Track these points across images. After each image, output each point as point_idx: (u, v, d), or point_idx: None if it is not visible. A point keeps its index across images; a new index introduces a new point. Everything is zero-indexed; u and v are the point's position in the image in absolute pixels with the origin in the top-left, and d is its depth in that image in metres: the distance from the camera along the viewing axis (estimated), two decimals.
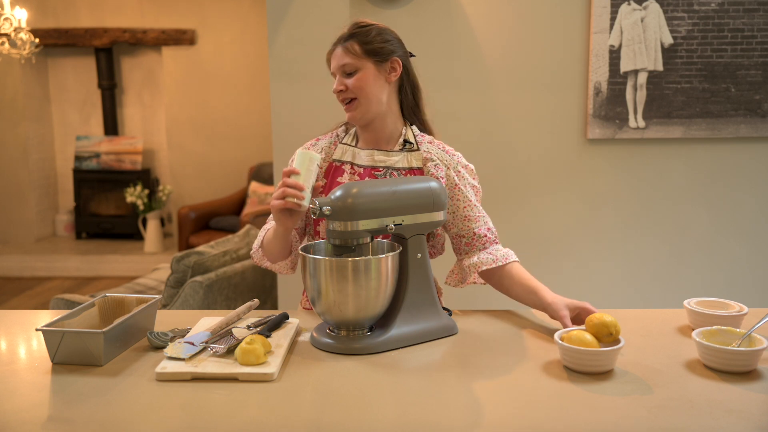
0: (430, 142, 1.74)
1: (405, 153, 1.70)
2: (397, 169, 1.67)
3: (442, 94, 3.14)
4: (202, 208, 5.85)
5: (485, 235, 1.69)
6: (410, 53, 1.77)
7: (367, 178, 1.66)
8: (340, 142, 1.74)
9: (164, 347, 1.41)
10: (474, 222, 1.69)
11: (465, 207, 1.69)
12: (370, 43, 1.64)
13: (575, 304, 1.51)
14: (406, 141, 1.71)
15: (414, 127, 1.75)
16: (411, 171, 1.68)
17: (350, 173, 1.68)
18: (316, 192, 1.53)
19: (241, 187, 6.35)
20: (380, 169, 1.67)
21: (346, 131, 1.77)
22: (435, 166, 1.69)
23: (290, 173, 1.48)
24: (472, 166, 1.77)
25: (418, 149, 1.71)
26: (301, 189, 1.47)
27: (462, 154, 1.80)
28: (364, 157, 1.69)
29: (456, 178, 1.71)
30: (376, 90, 1.65)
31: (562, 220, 3.20)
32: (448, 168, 1.71)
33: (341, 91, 1.65)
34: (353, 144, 1.73)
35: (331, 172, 1.70)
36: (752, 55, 3.01)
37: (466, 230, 1.69)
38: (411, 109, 1.76)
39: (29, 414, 1.15)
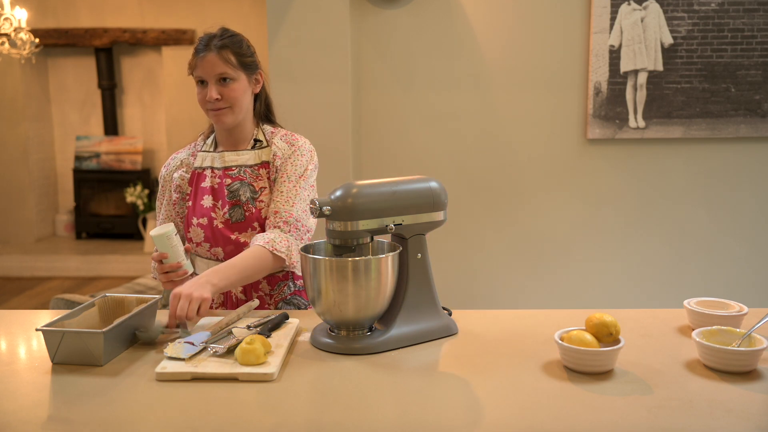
0: (283, 137, 1.84)
1: (255, 150, 1.83)
2: (249, 166, 1.80)
3: (442, 94, 3.14)
4: None
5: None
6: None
7: (227, 180, 1.78)
8: (200, 151, 1.87)
9: (152, 339, 1.44)
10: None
11: (286, 192, 1.76)
12: (244, 56, 1.76)
13: None
14: (256, 140, 1.84)
15: (266, 126, 1.87)
16: (262, 165, 1.80)
17: (211, 176, 1.81)
18: (188, 253, 1.70)
19: None
20: (233, 168, 1.81)
21: (205, 140, 1.89)
22: (277, 157, 1.80)
23: (161, 258, 1.63)
24: (307, 155, 1.81)
25: (268, 145, 1.83)
26: (179, 267, 1.64)
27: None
28: (218, 160, 1.82)
29: (284, 165, 1.78)
30: (246, 100, 1.78)
31: (562, 220, 3.20)
32: (284, 157, 1.80)
33: (216, 100, 1.73)
34: (212, 150, 1.86)
35: (194, 179, 1.84)
36: (752, 55, 3.01)
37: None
38: (263, 113, 1.88)
39: (29, 414, 1.15)
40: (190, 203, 1.82)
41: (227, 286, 1.60)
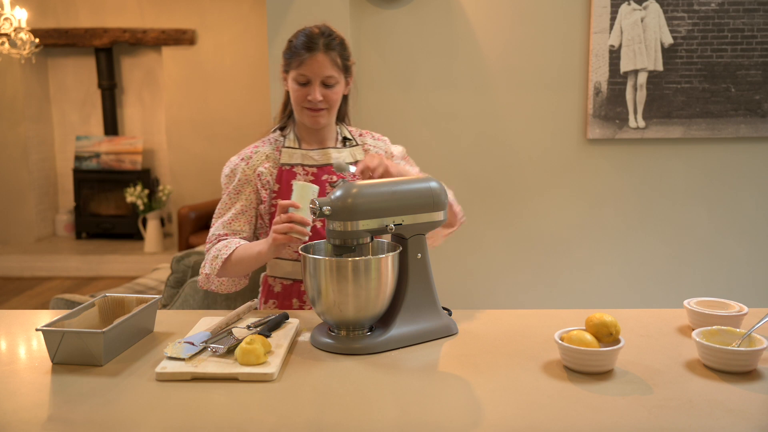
0: (361, 135, 1.86)
1: (349, 149, 1.81)
2: (347, 164, 1.76)
3: (442, 94, 3.14)
4: (202, 208, 5.85)
5: None
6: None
7: (325, 176, 1.74)
8: (283, 147, 1.78)
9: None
10: None
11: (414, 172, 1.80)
12: (347, 59, 1.74)
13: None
14: (345, 138, 1.83)
15: (344, 125, 1.87)
16: (355, 163, 1.78)
17: (303, 174, 1.75)
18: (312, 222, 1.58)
19: None
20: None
21: (283, 136, 1.81)
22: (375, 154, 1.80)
23: (290, 207, 1.52)
24: (401, 147, 1.91)
25: (356, 144, 1.83)
26: (306, 224, 1.51)
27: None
28: (315, 156, 1.77)
29: (389, 152, 1.86)
30: (340, 101, 1.77)
31: (562, 220, 3.20)
32: (385, 152, 1.85)
33: (319, 101, 1.69)
34: (297, 146, 1.78)
35: (282, 176, 1.75)
36: (752, 55, 3.01)
37: None
38: (345, 112, 1.87)
39: (29, 414, 1.15)
40: (276, 201, 1.72)
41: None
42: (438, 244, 1.81)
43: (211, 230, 1.76)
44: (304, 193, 1.53)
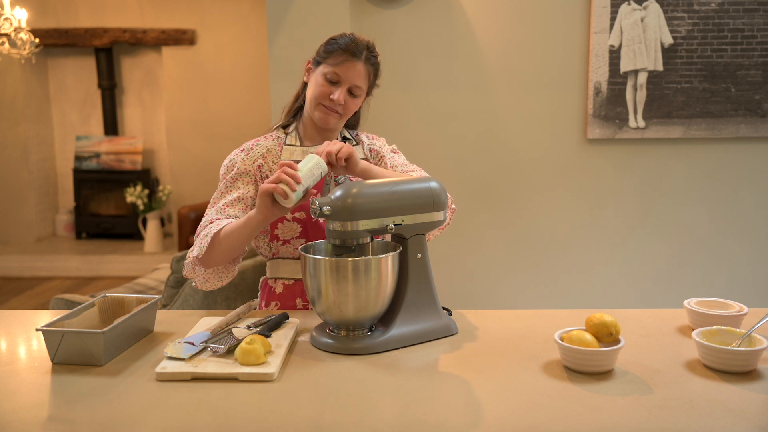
0: (357, 135, 1.88)
1: None
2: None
3: (442, 94, 3.14)
4: (202, 208, 5.85)
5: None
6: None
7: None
8: (285, 144, 1.77)
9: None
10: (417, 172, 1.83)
11: (403, 164, 1.83)
12: (376, 79, 1.79)
13: None
14: (345, 138, 1.84)
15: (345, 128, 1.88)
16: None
17: None
18: (308, 196, 1.51)
19: None
20: None
21: (286, 133, 1.80)
22: (374, 151, 1.85)
23: (290, 166, 1.47)
24: (394, 146, 1.93)
25: (357, 144, 1.84)
26: (297, 181, 1.45)
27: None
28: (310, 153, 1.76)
29: (384, 150, 1.87)
30: (352, 113, 1.79)
31: (562, 220, 3.20)
32: (380, 148, 1.86)
33: (339, 104, 1.70)
34: (299, 144, 1.78)
35: None
36: (752, 55, 3.01)
37: None
38: (357, 121, 1.90)
39: (29, 414, 1.15)
40: None
41: (374, 173, 1.62)
42: (431, 239, 1.80)
43: (204, 218, 1.68)
44: (309, 161, 1.50)
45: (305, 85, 1.80)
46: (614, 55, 3.02)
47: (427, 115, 3.16)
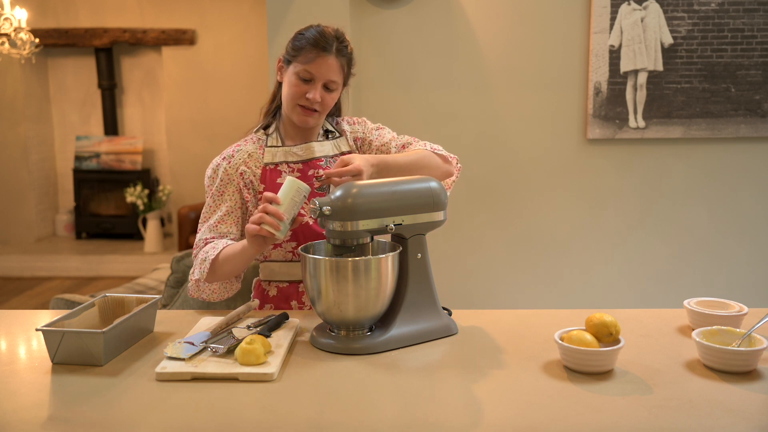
0: (337, 123, 1.84)
1: (331, 141, 1.79)
2: (332, 156, 1.77)
3: (442, 94, 3.14)
4: (201, 208, 5.84)
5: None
6: None
7: (311, 171, 1.72)
8: (266, 146, 1.73)
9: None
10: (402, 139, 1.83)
11: (393, 138, 1.82)
12: (351, 69, 1.73)
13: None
14: (327, 131, 1.80)
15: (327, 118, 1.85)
16: (341, 155, 1.78)
17: (288, 172, 1.71)
18: (296, 223, 1.51)
19: None
20: (321, 159, 1.75)
21: (266, 134, 1.76)
22: (358, 138, 1.83)
23: (272, 200, 1.46)
24: (379, 124, 1.90)
25: (340, 135, 1.81)
26: (280, 219, 1.44)
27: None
28: (298, 152, 1.74)
29: (368, 133, 1.84)
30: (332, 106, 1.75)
31: (562, 220, 3.20)
32: (363, 134, 1.84)
33: (316, 102, 1.66)
34: (280, 144, 1.75)
35: (266, 175, 1.70)
36: (752, 55, 3.01)
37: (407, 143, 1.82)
38: (339, 107, 1.86)
39: (29, 414, 1.15)
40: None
41: (386, 171, 1.61)
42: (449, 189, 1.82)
43: (198, 235, 1.68)
44: (289, 190, 1.47)
45: (280, 84, 1.77)
46: (614, 55, 3.02)
47: (427, 115, 3.16)
